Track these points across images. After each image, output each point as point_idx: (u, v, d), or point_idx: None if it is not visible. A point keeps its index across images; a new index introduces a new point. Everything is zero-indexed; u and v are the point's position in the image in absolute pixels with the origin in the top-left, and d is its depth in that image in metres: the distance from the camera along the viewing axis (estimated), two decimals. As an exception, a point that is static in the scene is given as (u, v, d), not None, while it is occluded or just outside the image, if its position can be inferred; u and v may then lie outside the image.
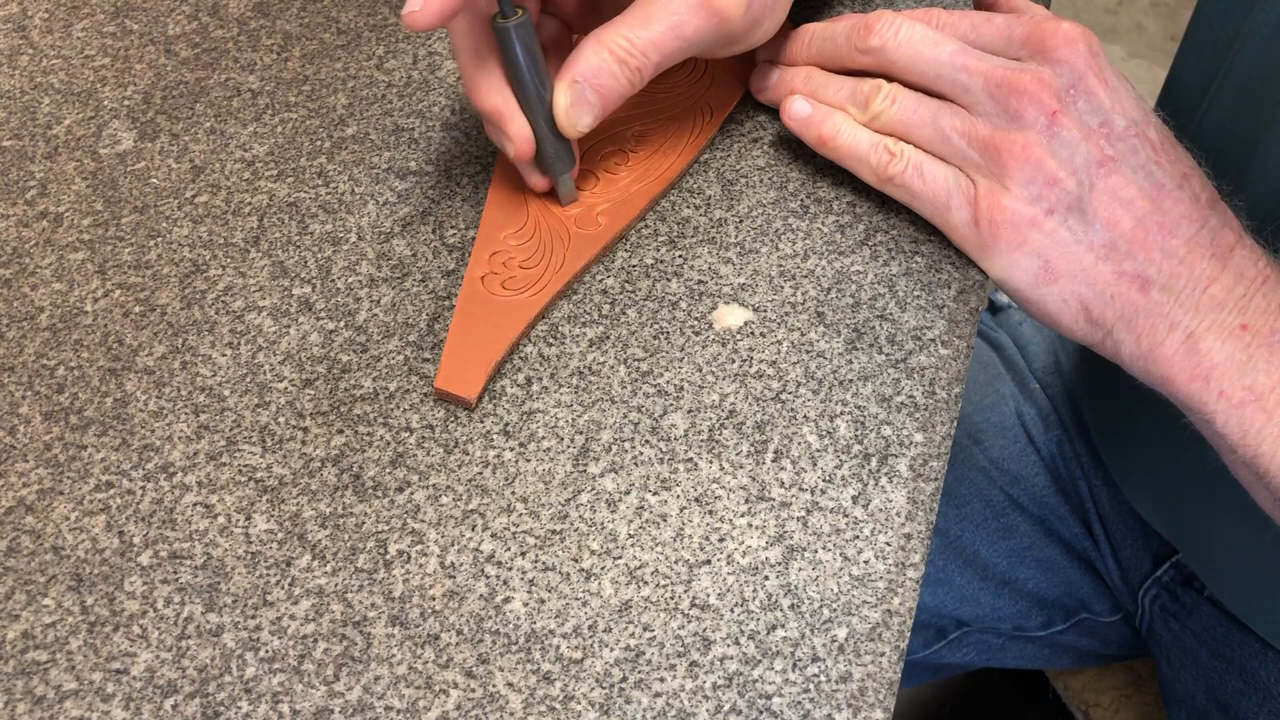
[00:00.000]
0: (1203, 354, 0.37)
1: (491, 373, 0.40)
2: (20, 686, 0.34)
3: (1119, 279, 0.38)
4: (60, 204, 0.46)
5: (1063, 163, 0.38)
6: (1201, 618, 0.60)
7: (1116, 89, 0.39)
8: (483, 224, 0.43)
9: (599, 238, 0.43)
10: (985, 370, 0.70)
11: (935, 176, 0.40)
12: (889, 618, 0.35)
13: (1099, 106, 0.38)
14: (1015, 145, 0.38)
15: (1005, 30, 0.40)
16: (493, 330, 0.41)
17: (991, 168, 0.39)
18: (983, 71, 0.39)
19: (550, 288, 0.42)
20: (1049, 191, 0.38)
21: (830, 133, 0.42)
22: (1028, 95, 0.38)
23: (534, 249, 0.43)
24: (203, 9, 0.53)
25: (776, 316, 0.42)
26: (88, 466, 0.39)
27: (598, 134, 0.46)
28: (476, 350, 0.40)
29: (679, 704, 0.34)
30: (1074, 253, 0.38)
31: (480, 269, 0.42)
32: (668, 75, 0.47)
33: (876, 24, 0.41)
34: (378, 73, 0.50)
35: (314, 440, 0.39)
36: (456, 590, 0.36)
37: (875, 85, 0.42)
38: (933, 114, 0.40)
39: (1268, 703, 0.56)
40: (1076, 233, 0.38)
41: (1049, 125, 0.38)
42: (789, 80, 0.44)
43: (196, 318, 0.42)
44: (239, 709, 0.34)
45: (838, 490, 0.38)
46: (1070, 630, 0.69)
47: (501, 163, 0.45)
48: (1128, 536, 0.63)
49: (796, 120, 0.43)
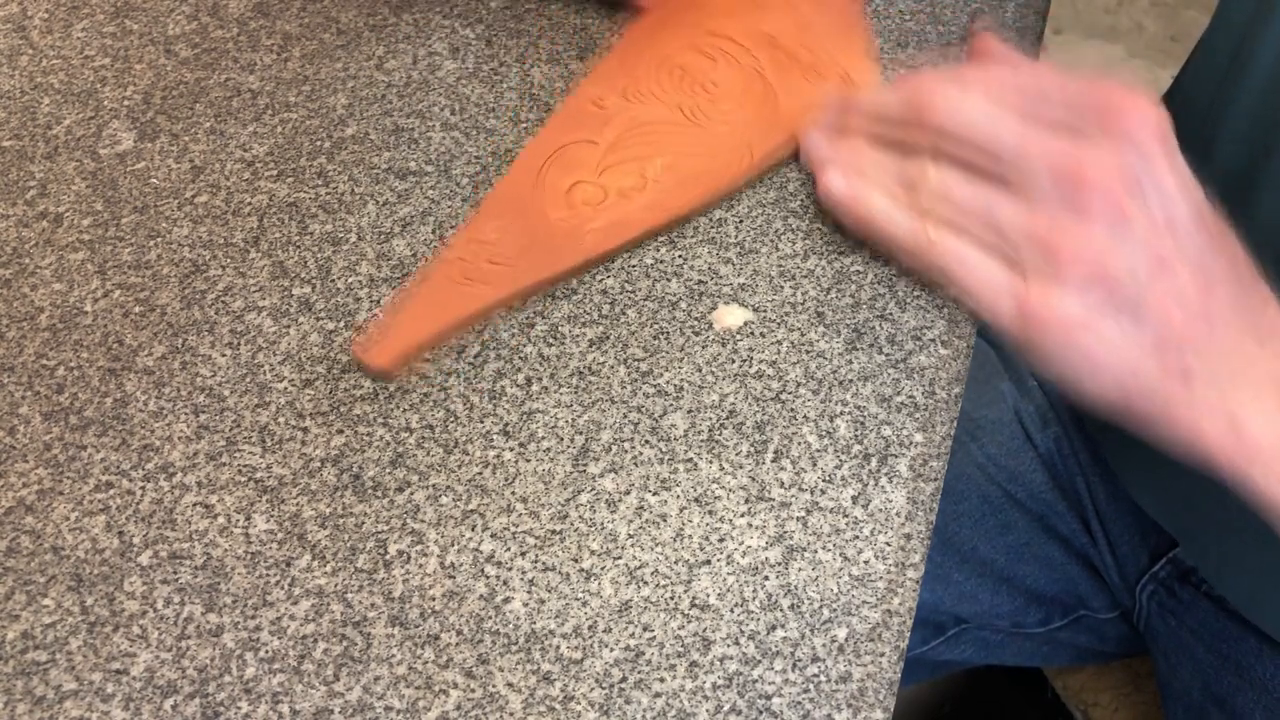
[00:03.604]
0: (1247, 436, 0.36)
1: (412, 352, 0.40)
2: (20, 686, 0.34)
3: (1164, 374, 0.36)
4: (60, 204, 0.46)
5: (1124, 264, 0.35)
6: (1198, 614, 0.60)
7: (1183, 172, 0.36)
8: (479, 210, 0.44)
9: (576, 253, 0.42)
10: (983, 367, 0.70)
11: (980, 270, 0.37)
12: (889, 618, 0.35)
13: (1167, 197, 0.35)
14: (1077, 246, 0.35)
15: (1072, 97, 0.37)
16: (430, 311, 0.41)
17: (1046, 265, 0.36)
18: (1048, 157, 0.36)
19: (503, 289, 0.41)
20: (1106, 295, 0.35)
21: (865, 215, 0.40)
22: (1097, 189, 0.35)
23: (512, 248, 0.42)
24: (203, 9, 0.53)
25: (776, 316, 0.42)
26: (88, 466, 0.39)
27: (622, 155, 0.45)
28: (408, 325, 0.41)
29: (679, 704, 0.34)
30: (1121, 351, 0.36)
31: (453, 251, 0.42)
32: (712, 106, 0.46)
33: (932, 97, 0.38)
34: (378, 73, 0.50)
35: (314, 440, 0.39)
36: (456, 590, 0.36)
37: (923, 170, 0.39)
38: (987, 206, 0.37)
39: (1263, 698, 0.56)
40: (1127, 332, 0.36)
41: (1115, 223, 0.35)
42: (837, 154, 0.42)
43: (196, 318, 0.42)
44: (239, 709, 0.34)
45: (838, 490, 0.38)
46: (1068, 627, 0.69)
47: (523, 156, 0.45)
48: (1125, 533, 0.64)
49: (832, 198, 0.41)
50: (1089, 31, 1.68)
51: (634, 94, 0.47)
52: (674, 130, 0.46)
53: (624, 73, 0.48)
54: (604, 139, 0.46)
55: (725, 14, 0.49)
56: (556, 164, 0.45)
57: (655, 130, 0.46)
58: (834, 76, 0.47)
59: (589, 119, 0.46)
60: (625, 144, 0.45)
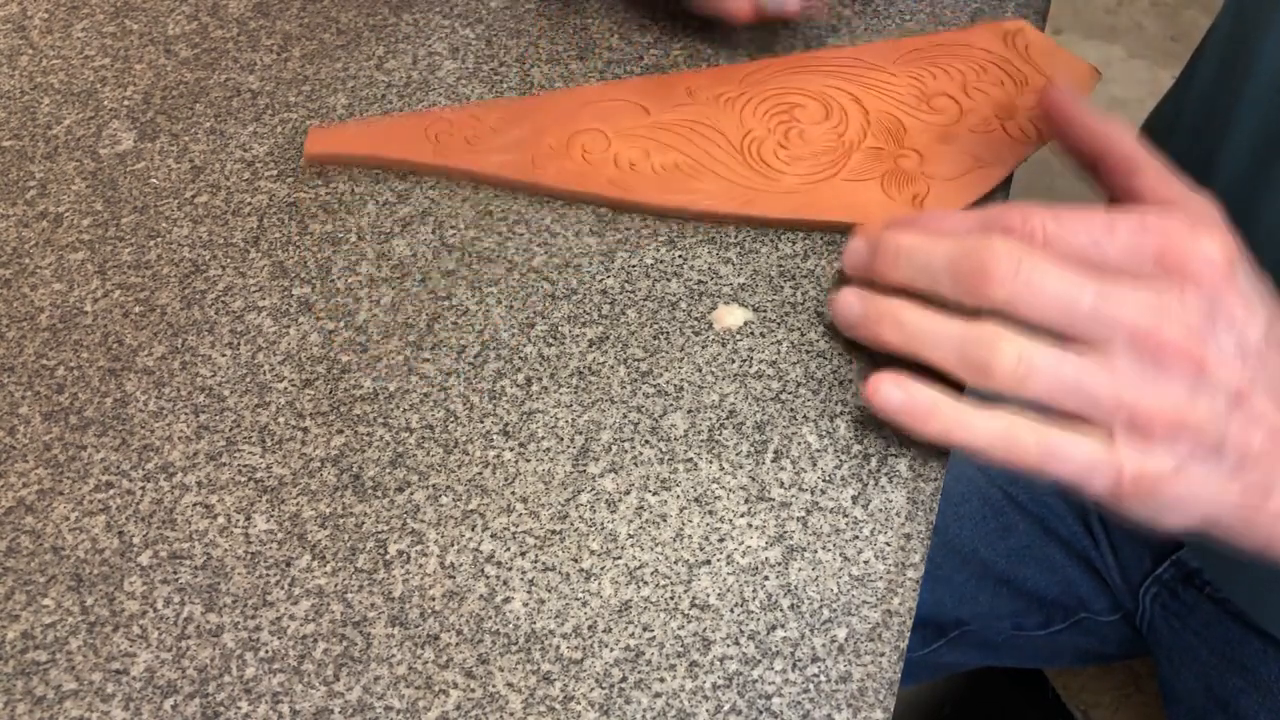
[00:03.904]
0: None
1: (340, 157, 0.45)
2: (20, 686, 0.34)
3: (1244, 494, 0.36)
4: (60, 204, 0.46)
5: (1207, 412, 0.35)
6: (1202, 616, 0.60)
7: (1249, 297, 0.35)
8: (502, 103, 0.47)
9: (535, 175, 0.44)
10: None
11: (1074, 454, 0.35)
12: (889, 618, 0.35)
13: (1238, 330, 0.35)
14: (1163, 408, 0.34)
15: (1134, 244, 0.36)
16: (383, 137, 0.45)
17: (1134, 433, 0.35)
18: (1126, 324, 0.35)
19: (457, 161, 0.45)
20: (1192, 445, 0.35)
21: (941, 431, 0.36)
22: (1175, 351, 0.34)
23: (497, 142, 0.45)
24: (203, 9, 0.53)
25: (776, 316, 0.42)
26: (88, 466, 0.39)
27: (653, 135, 0.45)
28: (354, 136, 0.46)
29: (679, 704, 0.34)
30: (1205, 485, 0.36)
31: (446, 113, 0.46)
32: (773, 152, 0.45)
33: (992, 265, 0.35)
34: (378, 73, 0.50)
35: (314, 440, 0.39)
36: (456, 590, 0.36)
37: (993, 347, 0.35)
38: (1076, 379, 0.35)
39: (1268, 700, 0.56)
40: (1209, 466, 0.35)
41: (1195, 377, 0.35)
42: (878, 315, 0.38)
43: (196, 318, 0.42)
44: (239, 709, 0.34)
45: (838, 490, 0.38)
46: (1069, 629, 0.69)
47: (583, 90, 0.48)
48: (1127, 536, 0.64)
49: (893, 412, 0.37)
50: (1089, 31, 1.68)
51: (725, 102, 0.47)
52: (719, 150, 0.45)
53: (736, 83, 0.47)
54: (657, 115, 0.46)
55: (889, 74, 0.47)
56: (600, 109, 0.46)
57: (705, 138, 0.45)
58: (907, 202, 0.44)
59: (667, 93, 0.47)
60: (667, 128, 0.46)
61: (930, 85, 0.47)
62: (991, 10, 0.52)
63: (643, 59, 0.50)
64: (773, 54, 0.49)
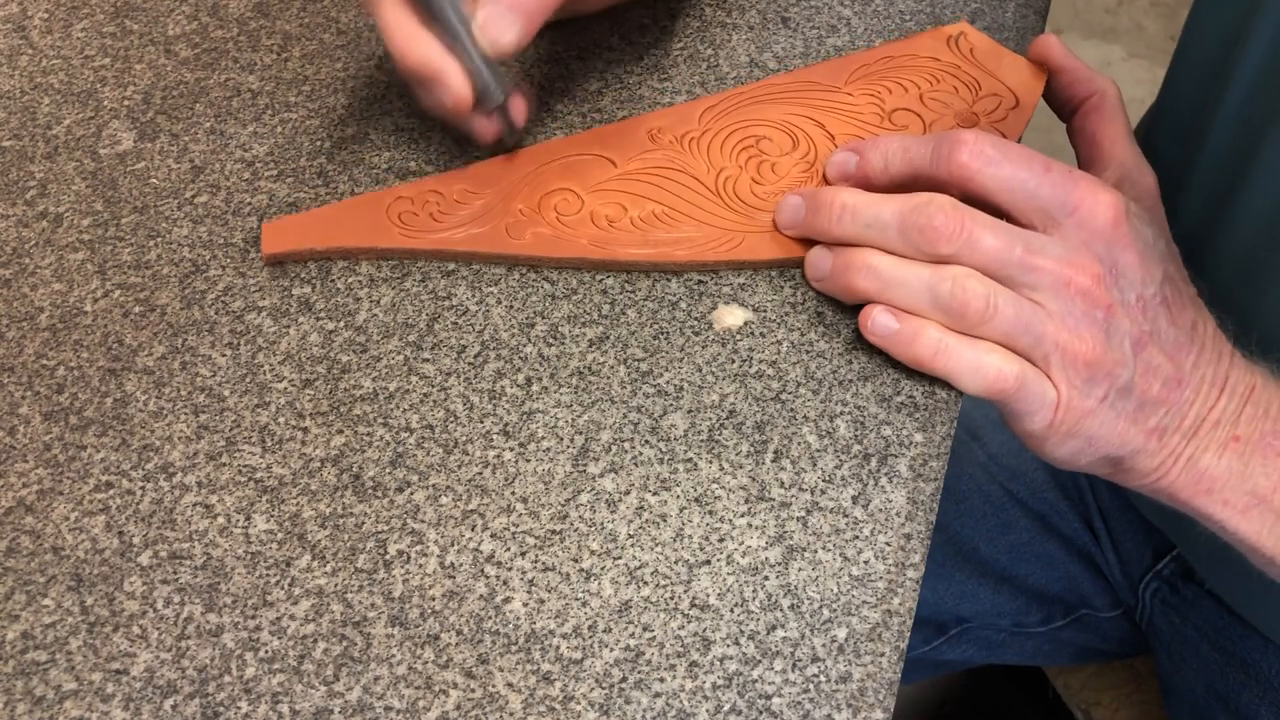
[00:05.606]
0: (1202, 471, 0.40)
1: (301, 253, 0.43)
2: (20, 686, 0.34)
3: (1145, 436, 0.40)
4: (60, 204, 0.46)
5: (1118, 354, 0.38)
6: (1203, 611, 0.60)
7: (1142, 250, 0.39)
8: (462, 171, 0.45)
9: (510, 246, 0.43)
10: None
11: (1033, 391, 0.39)
12: (889, 618, 0.35)
13: (1133, 280, 0.39)
14: (1090, 350, 0.38)
15: (1049, 192, 0.39)
16: (344, 227, 0.43)
17: (1066, 369, 0.38)
18: (1050, 272, 0.38)
19: (424, 243, 0.43)
20: (1108, 384, 0.39)
21: (928, 353, 0.39)
22: (1089, 296, 0.38)
23: (464, 214, 0.44)
24: (203, 9, 0.53)
25: (776, 316, 0.42)
26: (88, 466, 0.39)
27: (626, 186, 0.44)
28: (312, 228, 0.43)
29: (679, 704, 0.34)
30: (1114, 426, 0.39)
31: (406, 191, 0.44)
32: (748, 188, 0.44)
33: (940, 222, 0.38)
34: (378, 73, 0.50)
35: (314, 440, 0.39)
36: (456, 590, 0.36)
37: (965, 288, 0.38)
38: (1029, 318, 0.38)
39: (1269, 694, 0.56)
40: (1118, 409, 0.39)
41: (1105, 321, 0.38)
42: (848, 264, 0.40)
43: (196, 318, 0.42)
44: (239, 709, 0.34)
45: (838, 490, 0.38)
46: (1070, 626, 0.69)
47: (540, 146, 0.46)
48: (1128, 531, 0.64)
49: (882, 337, 0.40)
50: (1089, 31, 1.68)
51: (690, 142, 0.46)
52: (694, 194, 0.44)
53: (695, 121, 0.46)
54: (624, 166, 0.45)
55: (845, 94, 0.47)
56: (564, 165, 0.45)
57: (678, 183, 0.44)
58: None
59: (628, 141, 0.46)
60: (637, 178, 0.44)
61: (888, 101, 0.47)
62: (991, 10, 0.52)
63: (585, 116, 0.50)
64: (725, 87, 0.49)
